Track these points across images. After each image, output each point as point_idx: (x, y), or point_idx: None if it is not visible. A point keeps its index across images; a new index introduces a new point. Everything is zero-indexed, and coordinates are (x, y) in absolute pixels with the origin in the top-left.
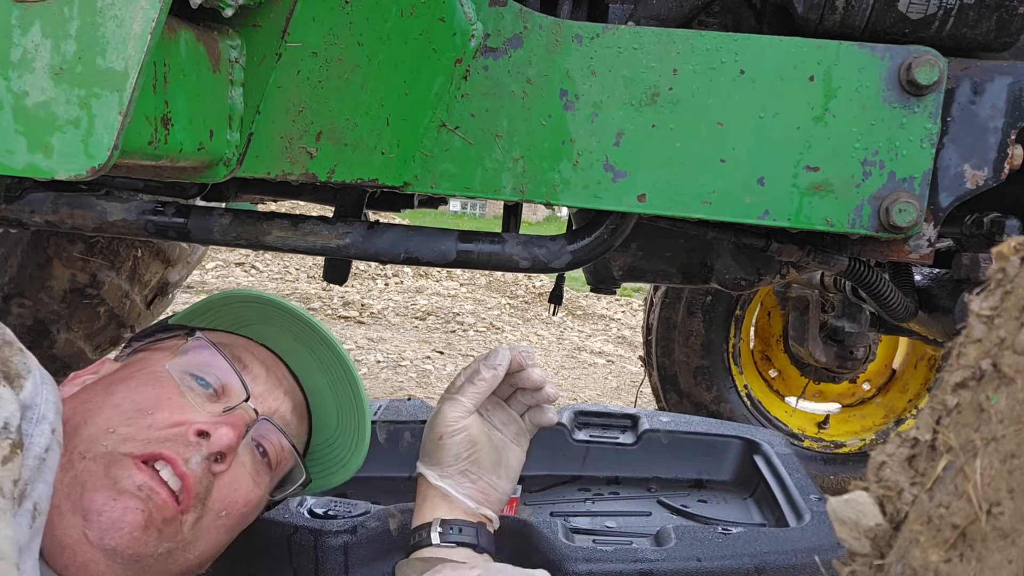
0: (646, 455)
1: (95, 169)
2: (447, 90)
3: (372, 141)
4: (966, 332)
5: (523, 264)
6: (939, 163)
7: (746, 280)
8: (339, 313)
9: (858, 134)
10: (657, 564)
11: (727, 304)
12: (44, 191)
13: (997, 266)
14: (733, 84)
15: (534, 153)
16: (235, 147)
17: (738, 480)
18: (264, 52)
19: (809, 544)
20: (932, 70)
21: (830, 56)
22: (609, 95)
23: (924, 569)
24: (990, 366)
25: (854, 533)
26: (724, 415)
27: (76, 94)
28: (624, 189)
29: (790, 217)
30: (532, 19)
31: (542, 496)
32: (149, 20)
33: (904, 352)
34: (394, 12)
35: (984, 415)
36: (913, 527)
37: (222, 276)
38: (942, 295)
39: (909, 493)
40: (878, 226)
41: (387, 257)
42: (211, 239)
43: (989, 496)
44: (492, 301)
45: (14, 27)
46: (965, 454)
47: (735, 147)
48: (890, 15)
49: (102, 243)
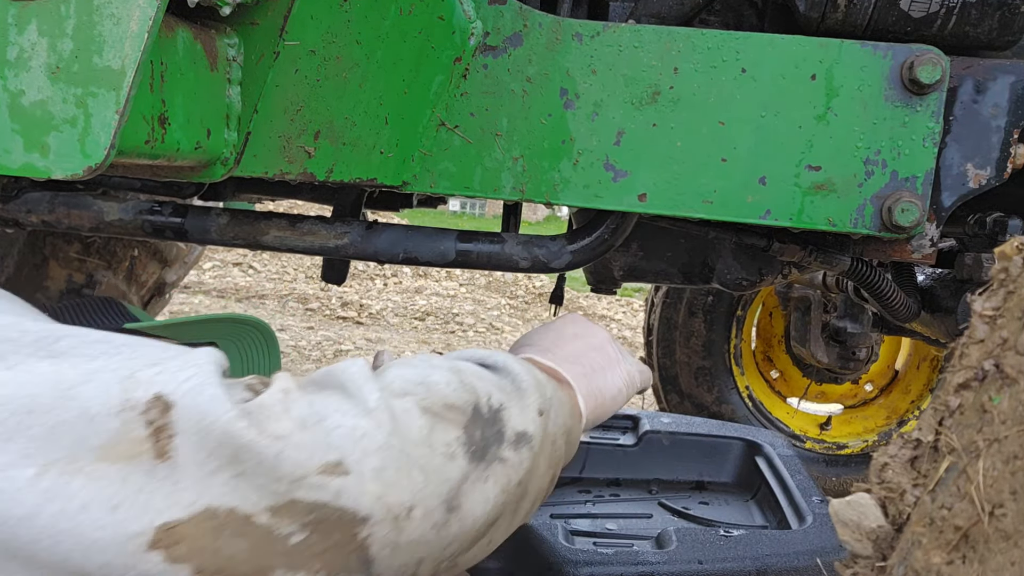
0: (647, 456)
1: (92, 168)
2: (446, 89)
3: (371, 140)
4: (969, 332)
5: (523, 264)
6: (941, 162)
7: (748, 280)
8: (337, 314)
9: (860, 133)
10: (658, 567)
11: (728, 304)
12: (40, 191)
13: (1000, 266)
14: (734, 83)
15: (534, 152)
16: (233, 146)
17: (740, 482)
18: (262, 51)
19: (811, 546)
20: (934, 69)
21: (832, 55)
22: (609, 94)
23: (926, 571)
24: (993, 367)
25: (856, 535)
26: (725, 416)
27: (73, 93)
28: (625, 189)
29: (792, 217)
30: (532, 17)
31: None
32: (146, 18)
33: (907, 353)
34: (393, 10)
35: (987, 416)
36: (915, 529)
37: (219, 276)
38: (945, 295)
39: (911, 495)
40: (880, 226)
41: (386, 257)
42: (208, 239)
43: (992, 498)
44: (492, 301)
45: (10, 25)
46: (968, 455)
47: (736, 146)
48: (892, 13)
49: (99, 243)
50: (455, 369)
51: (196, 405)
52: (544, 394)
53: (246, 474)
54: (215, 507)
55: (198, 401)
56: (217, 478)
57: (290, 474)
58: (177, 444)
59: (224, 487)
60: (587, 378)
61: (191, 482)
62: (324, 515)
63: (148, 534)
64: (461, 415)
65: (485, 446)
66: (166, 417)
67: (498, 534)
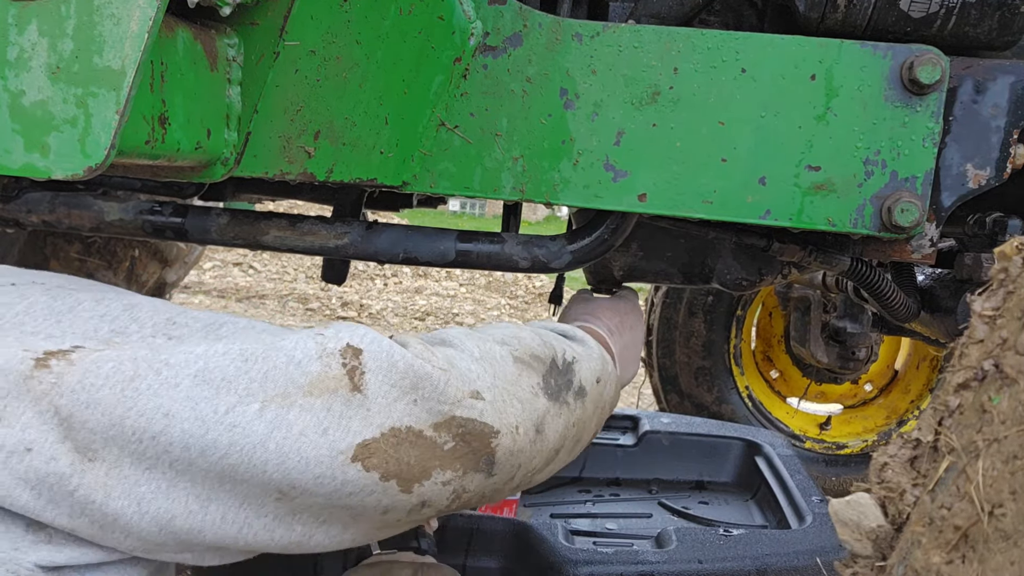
0: (647, 456)
1: (92, 168)
2: (446, 89)
3: (371, 140)
4: (968, 332)
5: (523, 264)
6: (941, 162)
7: (747, 280)
8: (337, 313)
9: (860, 133)
10: (658, 566)
11: (728, 304)
12: (41, 191)
13: (999, 266)
14: (734, 83)
15: (534, 152)
16: (233, 146)
17: (739, 482)
18: (262, 51)
19: (811, 546)
20: (934, 69)
21: (832, 55)
22: (609, 94)
23: (926, 571)
24: (992, 367)
25: (856, 535)
26: (725, 416)
27: (73, 93)
28: (624, 189)
29: (792, 217)
30: (532, 17)
31: (542, 498)
32: (146, 19)
33: (906, 353)
34: (393, 10)
35: (986, 416)
36: (915, 528)
37: (220, 276)
38: (944, 295)
39: (911, 494)
40: (880, 226)
41: (386, 257)
42: (209, 239)
43: (991, 497)
44: (492, 301)
45: (11, 26)
46: (967, 455)
47: (736, 146)
48: (892, 14)
49: (99, 243)
50: (538, 330)
51: (380, 349)
52: (605, 368)
53: (420, 399)
54: (397, 426)
55: (381, 347)
56: (399, 404)
57: (452, 397)
58: (368, 379)
59: (404, 410)
60: (624, 368)
61: (379, 408)
62: (471, 428)
63: (350, 451)
64: (541, 365)
65: (558, 390)
66: (357, 359)
67: (558, 463)
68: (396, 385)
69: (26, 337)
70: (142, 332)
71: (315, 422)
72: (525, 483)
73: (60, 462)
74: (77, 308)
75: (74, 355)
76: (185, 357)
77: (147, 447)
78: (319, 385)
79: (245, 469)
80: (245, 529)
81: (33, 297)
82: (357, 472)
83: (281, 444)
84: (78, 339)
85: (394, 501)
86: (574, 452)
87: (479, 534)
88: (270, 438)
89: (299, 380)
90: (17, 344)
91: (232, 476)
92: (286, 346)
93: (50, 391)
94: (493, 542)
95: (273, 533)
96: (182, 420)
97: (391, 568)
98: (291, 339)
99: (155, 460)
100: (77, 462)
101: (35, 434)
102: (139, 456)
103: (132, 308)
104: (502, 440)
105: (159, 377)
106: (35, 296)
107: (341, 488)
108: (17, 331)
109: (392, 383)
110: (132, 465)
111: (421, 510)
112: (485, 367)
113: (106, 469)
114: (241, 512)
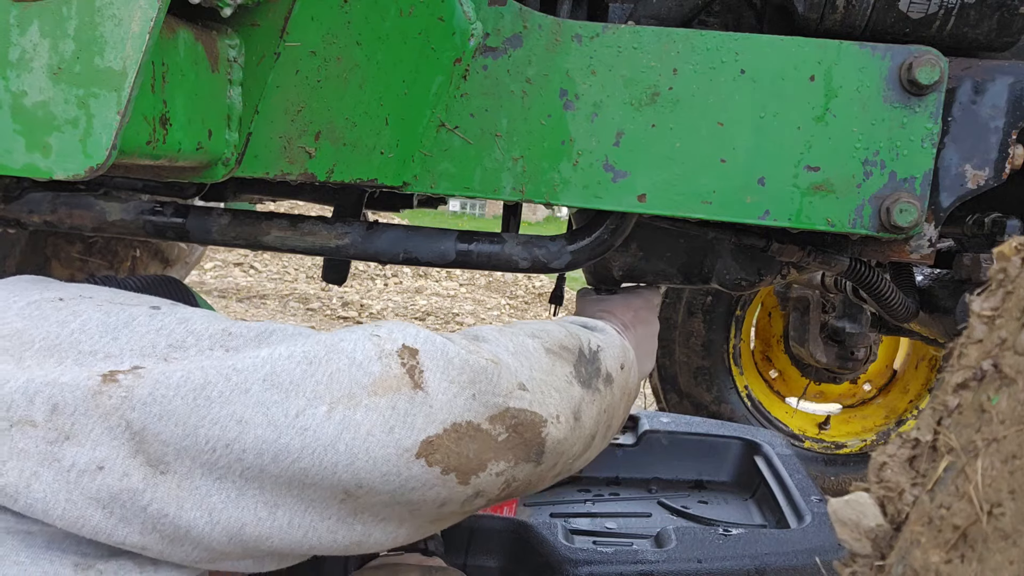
0: (646, 456)
1: (93, 169)
2: (446, 90)
3: (371, 141)
4: (967, 332)
5: (523, 264)
6: (940, 163)
7: (747, 280)
8: (338, 313)
9: (859, 134)
10: (657, 566)
11: (727, 304)
12: (42, 191)
13: (998, 266)
14: (733, 84)
15: (534, 153)
16: (234, 147)
17: (739, 481)
18: (263, 51)
19: (810, 545)
20: (933, 70)
21: (831, 56)
22: (609, 95)
23: (925, 570)
24: (991, 367)
25: (855, 534)
26: (724, 416)
27: (74, 94)
28: (624, 189)
29: (791, 217)
30: (532, 18)
31: (541, 497)
32: (147, 19)
33: (905, 353)
34: (393, 11)
35: (985, 416)
36: (914, 528)
37: (221, 276)
38: (943, 295)
39: (910, 494)
40: (879, 226)
41: (386, 257)
42: (209, 239)
43: (990, 497)
44: (492, 301)
45: (12, 26)
46: (966, 455)
47: (735, 147)
48: (891, 14)
49: (100, 243)
50: (564, 323)
51: (435, 348)
52: (627, 355)
53: (478, 393)
54: (458, 421)
55: (436, 345)
56: (459, 399)
57: (504, 389)
58: (427, 377)
59: (464, 405)
60: (640, 361)
61: (440, 404)
62: (522, 419)
63: (415, 448)
64: (571, 355)
65: (589, 378)
66: (415, 359)
67: (594, 449)
68: (455, 381)
69: (84, 357)
70: (199, 345)
71: (381, 421)
72: (564, 471)
73: (133, 477)
74: (132, 323)
75: (141, 369)
76: (252, 362)
77: (220, 456)
78: (382, 385)
79: (316, 472)
80: (311, 533)
81: (87, 314)
82: (421, 468)
83: (350, 444)
84: (136, 357)
85: (452, 494)
86: (607, 438)
87: (479, 533)
88: (340, 439)
89: (363, 381)
90: (76, 365)
91: (302, 480)
92: (346, 347)
93: (120, 405)
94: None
95: (336, 535)
96: (255, 426)
97: (397, 570)
98: (349, 340)
99: (227, 469)
100: (149, 476)
101: (106, 451)
102: (211, 466)
103: (187, 321)
104: (550, 429)
105: (229, 383)
106: (88, 312)
107: (405, 484)
108: (75, 351)
109: (451, 379)
110: (204, 475)
111: (474, 500)
112: (522, 360)
113: (178, 481)
114: (307, 516)
